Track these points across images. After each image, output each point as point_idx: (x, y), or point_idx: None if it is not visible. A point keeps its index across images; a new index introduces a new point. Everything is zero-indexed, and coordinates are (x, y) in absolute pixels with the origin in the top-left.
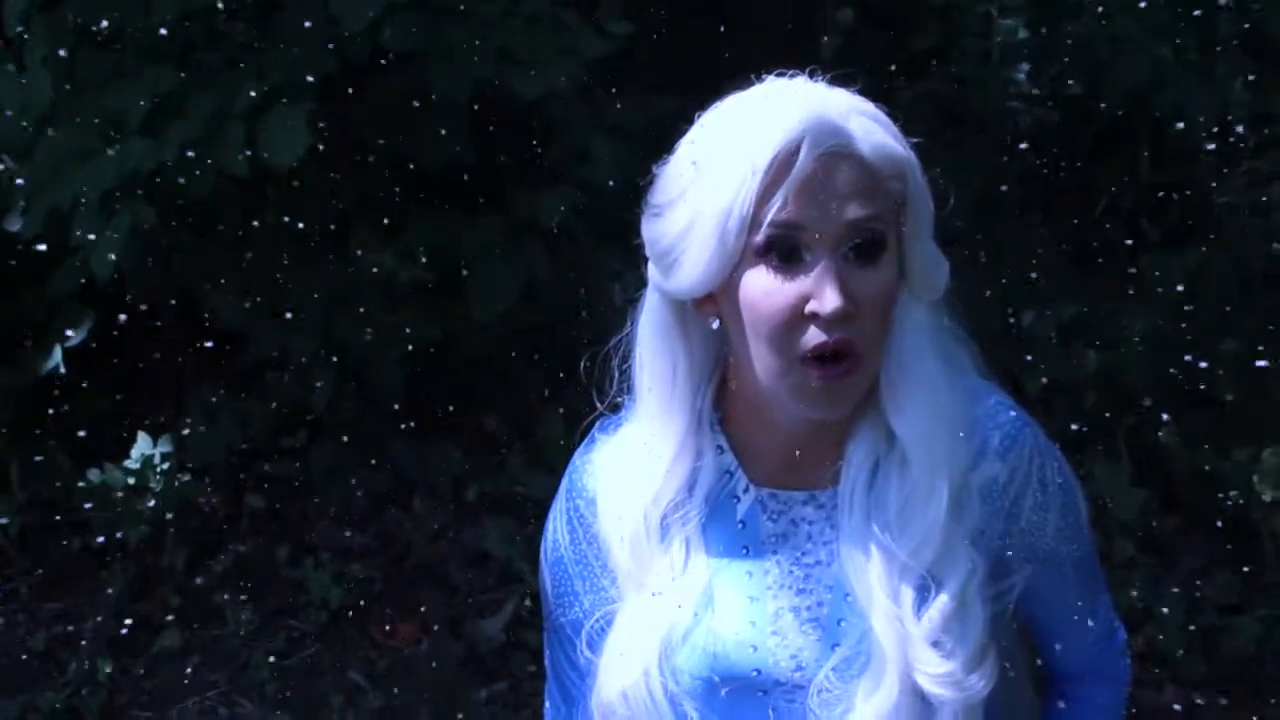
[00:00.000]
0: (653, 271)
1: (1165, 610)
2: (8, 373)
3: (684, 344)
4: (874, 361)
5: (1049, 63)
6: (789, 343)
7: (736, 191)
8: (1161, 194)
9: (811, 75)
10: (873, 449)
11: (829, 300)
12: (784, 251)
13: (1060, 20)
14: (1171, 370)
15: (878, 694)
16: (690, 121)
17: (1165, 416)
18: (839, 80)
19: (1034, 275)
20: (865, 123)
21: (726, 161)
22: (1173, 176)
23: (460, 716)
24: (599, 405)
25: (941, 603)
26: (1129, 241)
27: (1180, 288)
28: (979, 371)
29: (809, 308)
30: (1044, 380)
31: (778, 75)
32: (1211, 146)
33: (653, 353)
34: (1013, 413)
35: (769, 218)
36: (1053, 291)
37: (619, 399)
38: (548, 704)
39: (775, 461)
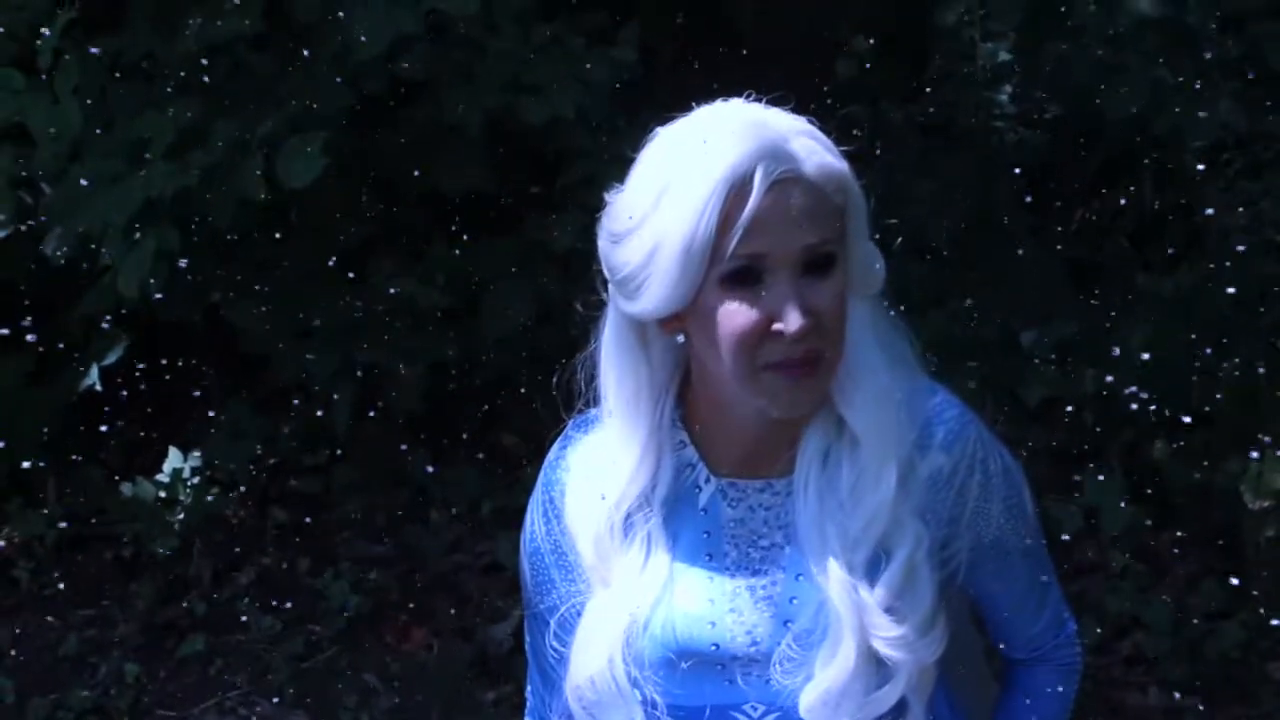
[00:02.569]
0: (614, 294)
1: (1153, 617)
2: (47, 391)
3: (646, 360)
4: (836, 358)
5: (1041, 86)
6: (756, 356)
7: (696, 223)
8: (1158, 213)
9: (748, 99)
10: (825, 436)
11: (793, 320)
12: (746, 277)
13: (1047, 44)
14: (1168, 387)
15: (836, 660)
16: None
17: (1160, 432)
18: (774, 102)
19: (1034, 294)
20: (807, 143)
21: (684, 192)
22: (1168, 196)
23: (468, 717)
24: (566, 419)
25: (892, 571)
26: (1126, 260)
27: (1176, 306)
28: (917, 357)
29: (774, 326)
30: (1042, 396)
31: (721, 100)
32: (1205, 167)
33: (617, 370)
34: (956, 409)
35: (730, 249)
36: (1052, 310)
37: (586, 412)
38: (529, 687)
39: (734, 454)
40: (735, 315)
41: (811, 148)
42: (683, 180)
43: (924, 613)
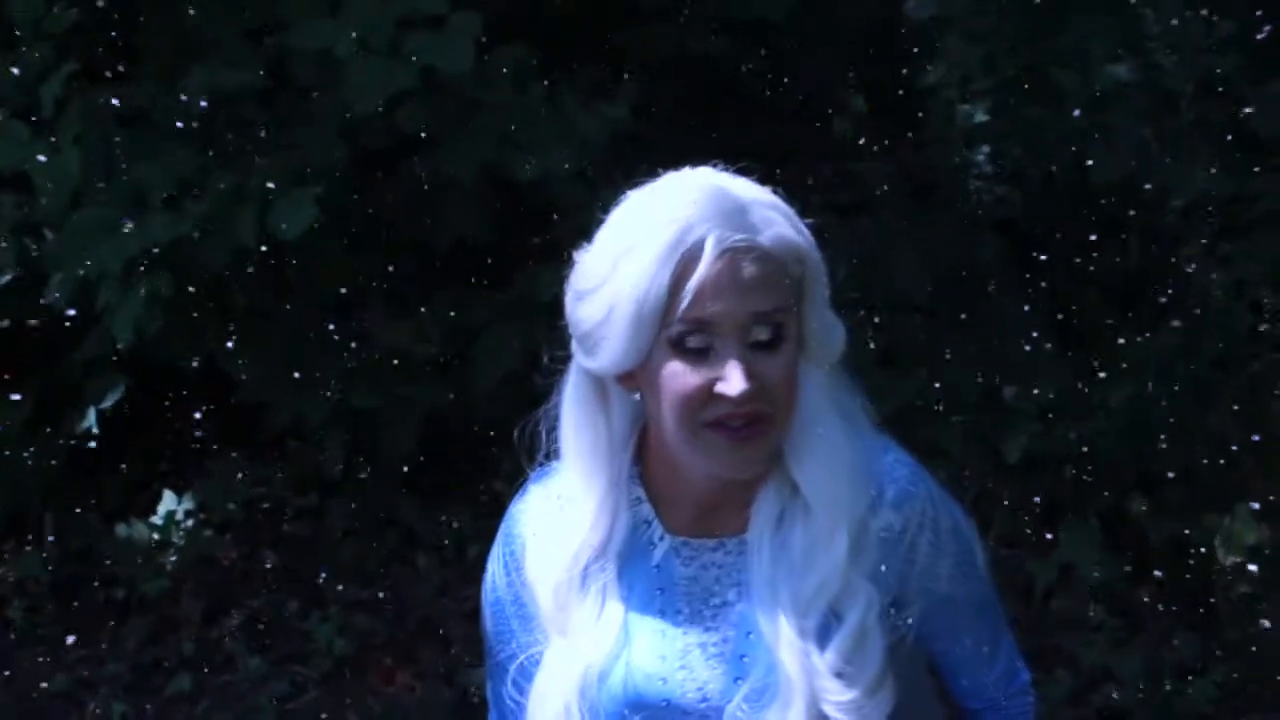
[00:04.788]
0: (576, 349)
1: (1127, 670)
2: (46, 434)
3: (604, 415)
4: (784, 424)
5: (1018, 147)
6: (697, 415)
7: (649, 287)
8: (1139, 271)
9: (715, 166)
10: (778, 499)
11: (735, 385)
12: (694, 341)
13: (1026, 107)
14: (1147, 443)
15: None
16: None
17: (1139, 488)
18: (741, 171)
19: (1015, 350)
20: (766, 214)
21: (639, 255)
22: (1150, 255)
23: None
24: (528, 470)
25: (843, 636)
26: (1107, 318)
27: (1156, 363)
28: (873, 425)
29: (717, 388)
30: (1023, 451)
31: (689, 167)
32: (1186, 226)
33: (576, 423)
34: (907, 468)
35: (679, 313)
36: (1033, 366)
37: (549, 465)
38: None
39: (689, 512)
40: (680, 377)
41: (770, 219)
42: (639, 244)
43: (873, 674)
